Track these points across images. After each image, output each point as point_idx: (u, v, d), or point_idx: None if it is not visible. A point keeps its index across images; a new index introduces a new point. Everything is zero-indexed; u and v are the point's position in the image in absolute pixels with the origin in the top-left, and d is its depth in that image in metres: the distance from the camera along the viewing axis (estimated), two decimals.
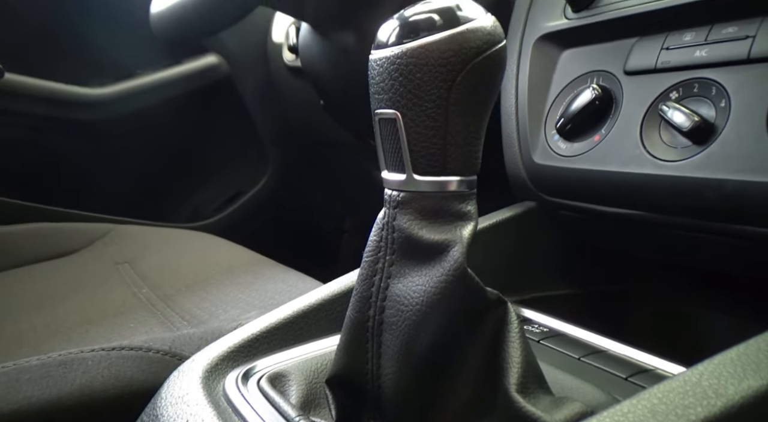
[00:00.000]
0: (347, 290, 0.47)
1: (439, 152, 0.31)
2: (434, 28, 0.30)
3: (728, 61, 0.46)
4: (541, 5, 0.66)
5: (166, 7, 0.81)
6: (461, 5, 0.31)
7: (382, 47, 0.32)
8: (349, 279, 0.48)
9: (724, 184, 0.43)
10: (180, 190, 1.61)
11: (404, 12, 0.32)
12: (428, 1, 0.32)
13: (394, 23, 0.32)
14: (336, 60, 0.95)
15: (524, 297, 0.63)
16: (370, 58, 0.33)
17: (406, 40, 0.31)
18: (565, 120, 0.58)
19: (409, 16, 0.31)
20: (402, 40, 0.31)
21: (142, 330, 0.64)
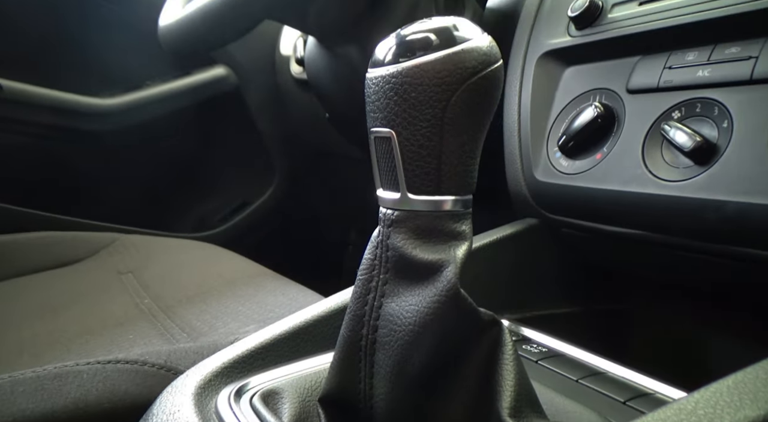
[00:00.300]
0: (344, 306, 0.46)
1: (434, 171, 0.31)
2: (430, 48, 0.30)
3: (731, 81, 0.45)
4: (545, 22, 0.66)
5: (174, 21, 0.82)
6: (458, 25, 0.31)
7: (378, 66, 0.32)
8: (347, 295, 0.48)
9: (725, 205, 0.43)
10: (186, 200, 1.62)
11: (401, 31, 0.32)
12: (426, 21, 0.32)
13: (391, 42, 0.32)
14: (341, 73, 0.96)
15: (525, 315, 0.62)
16: (366, 76, 0.33)
17: (402, 59, 0.31)
18: (567, 137, 0.58)
19: (406, 35, 0.31)
20: (398, 59, 0.31)
21: (140, 342, 0.64)
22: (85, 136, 1.39)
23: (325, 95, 1.07)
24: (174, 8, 0.88)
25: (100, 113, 1.40)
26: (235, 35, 0.78)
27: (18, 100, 1.27)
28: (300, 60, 1.31)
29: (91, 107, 1.38)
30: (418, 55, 0.30)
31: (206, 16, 0.74)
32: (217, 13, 0.72)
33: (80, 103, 1.36)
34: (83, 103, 1.36)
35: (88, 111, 1.38)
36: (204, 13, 0.74)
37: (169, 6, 0.91)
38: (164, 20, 0.87)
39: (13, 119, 1.28)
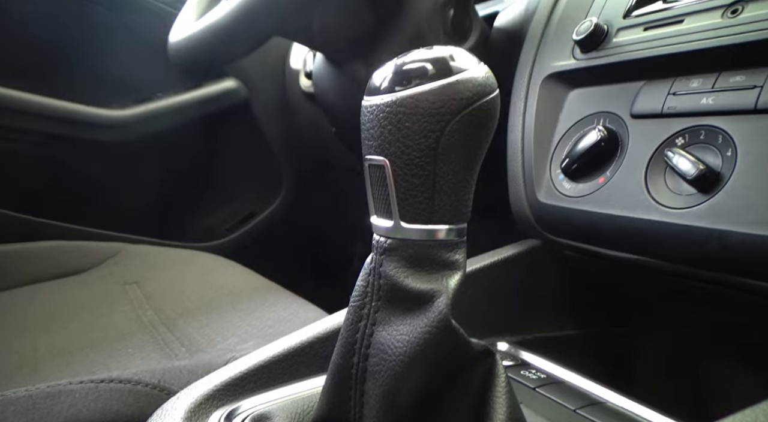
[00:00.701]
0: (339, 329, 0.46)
1: (427, 201, 0.31)
2: (425, 78, 0.30)
3: (735, 110, 0.45)
4: (550, 44, 0.66)
5: (184, 37, 0.83)
6: (454, 55, 0.31)
7: (373, 94, 0.32)
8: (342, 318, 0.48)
9: (727, 235, 0.42)
10: (194, 210, 1.63)
11: (398, 59, 0.32)
12: (424, 50, 0.32)
13: (387, 70, 0.32)
14: (347, 90, 0.96)
15: (525, 337, 0.62)
16: (362, 103, 0.33)
17: (398, 88, 0.31)
18: (570, 160, 0.58)
19: (402, 64, 0.31)
20: (393, 88, 0.31)
21: (139, 356, 0.64)
22: (94, 147, 1.40)
23: (331, 110, 1.08)
24: (185, 24, 0.89)
25: (110, 124, 1.41)
26: (243, 52, 0.79)
27: (29, 111, 1.28)
28: (309, 74, 1.32)
29: (102, 118, 1.39)
30: (413, 85, 0.30)
31: (215, 33, 0.74)
32: (226, 30, 0.73)
33: (91, 114, 1.38)
34: (94, 114, 1.38)
35: (99, 122, 1.39)
36: (213, 29, 0.75)
37: (180, 21, 0.92)
38: (174, 35, 0.88)
39: (22, 129, 1.29)
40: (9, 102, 1.25)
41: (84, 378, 0.50)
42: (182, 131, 1.52)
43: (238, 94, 1.56)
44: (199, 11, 0.94)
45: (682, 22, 0.52)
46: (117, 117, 1.43)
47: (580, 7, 0.65)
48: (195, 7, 0.95)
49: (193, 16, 0.93)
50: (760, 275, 0.42)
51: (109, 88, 1.43)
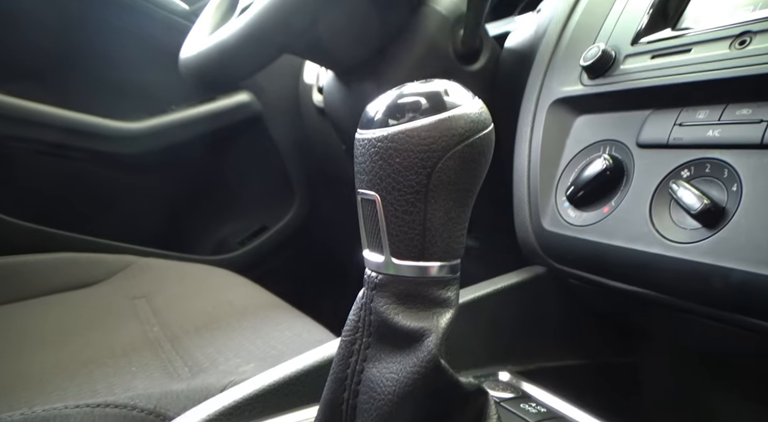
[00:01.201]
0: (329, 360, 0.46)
1: (418, 238, 0.31)
2: (417, 113, 0.30)
3: (741, 144, 0.44)
4: (558, 69, 0.66)
5: (193, 54, 0.83)
6: (449, 90, 0.31)
7: (365, 127, 0.32)
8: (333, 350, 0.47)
9: (731, 273, 0.41)
10: (206, 223, 1.64)
11: (391, 93, 0.32)
12: (418, 83, 0.32)
13: (379, 104, 0.32)
14: (356, 108, 0.96)
15: (528, 367, 0.61)
16: (355, 136, 0.33)
17: (390, 122, 0.31)
18: (575, 188, 0.57)
19: (395, 98, 0.31)
20: (385, 122, 0.31)
21: (141, 376, 0.64)
22: (108, 158, 1.42)
23: (341, 128, 1.08)
24: (196, 40, 0.91)
25: (124, 136, 1.43)
26: (251, 71, 0.79)
27: (44, 122, 1.31)
28: (322, 89, 1.33)
29: (117, 130, 1.41)
30: (405, 120, 0.30)
31: (223, 52, 0.75)
32: (233, 50, 0.74)
33: (105, 126, 1.40)
34: (108, 126, 1.40)
35: (114, 134, 1.41)
36: (220, 48, 0.75)
37: (192, 37, 0.93)
38: (185, 51, 0.89)
39: (37, 140, 1.32)
40: (25, 113, 1.28)
41: (80, 401, 0.51)
42: (195, 144, 1.53)
43: (252, 107, 1.57)
44: (212, 27, 0.95)
45: (689, 51, 0.51)
46: (131, 129, 1.45)
47: (589, 31, 0.65)
48: (207, 23, 0.97)
49: (205, 31, 0.94)
50: (764, 315, 0.41)
51: (124, 101, 1.46)
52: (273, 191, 1.67)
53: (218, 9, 0.99)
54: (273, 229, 1.65)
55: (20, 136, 1.29)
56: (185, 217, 1.60)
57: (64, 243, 1.28)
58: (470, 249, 1.12)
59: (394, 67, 0.88)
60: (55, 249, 1.21)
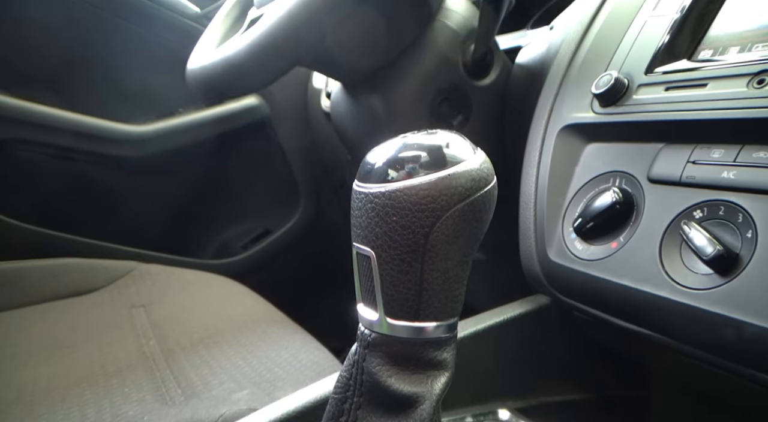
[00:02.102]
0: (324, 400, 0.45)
1: (414, 298, 0.29)
2: (416, 170, 0.28)
3: (757, 189, 0.42)
4: (569, 94, 0.64)
5: (199, 66, 0.82)
6: (451, 143, 0.29)
7: (363, 180, 0.30)
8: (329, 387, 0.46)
9: (743, 326, 0.40)
10: (209, 227, 1.64)
11: (391, 144, 0.30)
12: (420, 134, 0.30)
13: (379, 155, 0.30)
14: (364, 122, 0.95)
15: (530, 403, 0.59)
16: (353, 187, 0.31)
17: (388, 177, 0.29)
18: (583, 220, 0.55)
19: (394, 152, 0.30)
20: (382, 177, 0.29)
21: (134, 397, 0.63)
22: (114, 161, 1.42)
23: (347, 139, 1.07)
24: (203, 51, 0.89)
25: (131, 139, 1.42)
26: (257, 87, 0.78)
27: (49, 124, 1.30)
28: (330, 94, 1.31)
29: (123, 133, 1.41)
30: (403, 177, 0.29)
31: (228, 69, 0.74)
32: (239, 67, 0.72)
33: (112, 129, 1.39)
34: (115, 129, 1.40)
35: (120, 137, 1.41)
36: (226, 64, 0.74)
37: (200, 47, 0.92)
38: (192, 62, 0.87)
39: (42, 142, 1.31)
40: (29, 115, 1.27)
41: None
42: (201, 147, 1.53)
43: (260, 111, 1.56)
44: (220, 38, 0.94)
45: (705, 85, 0.49)
46: (138, 132, 1.44)
47: (602, 56, 0.63)
48: (215, 33, 0.95)
49: (213, 43, 0.93)
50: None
51: (131, 104, 1.45)
52: (278, 195, 1.66)
53: (227, 18, 0.97)
54: (276, 234, 1.64)
55: (27, 140, 1.29)
56: (189, 220, 1.60)
57: (67, 247, 1.27)
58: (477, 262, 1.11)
59: (402, 81, 0.86)
60: (58, 252, 1.20)
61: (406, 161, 0.29)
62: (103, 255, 1.29)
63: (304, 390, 0.46)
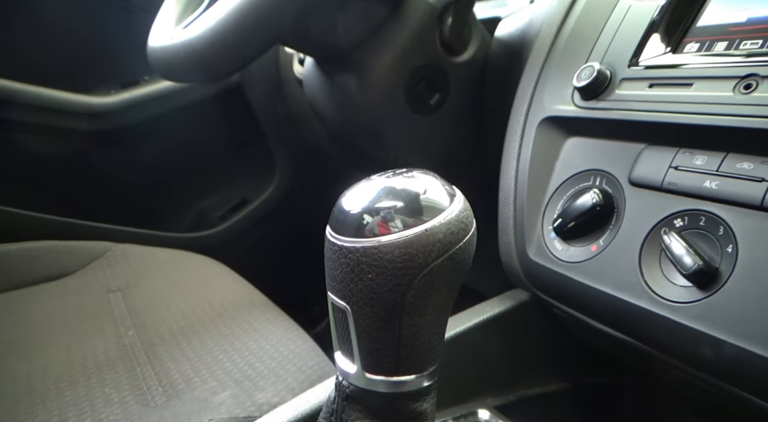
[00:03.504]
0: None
1: (392, 354, 0.28)
2: (392, 225, 0.27)
3: (739, 202, 0.42)
4: (550, 83, 0.62)
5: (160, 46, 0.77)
6: (428, 189, 0.28)
7: (336, 230, 0.29)
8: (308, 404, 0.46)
9: (722, 344, 0.40)
10: (185, 198, 1.60)
11: (367, 189, 0.29)
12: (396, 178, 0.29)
13: (353, 203, 0.29)
14: (337, 101, 0.92)
15: (510, 399, 0.60)
16: (325, 233, 0.30)
17: (365, 230, 0.27)
18: (563, 220, 0.55)
19: (369, 202, 0.28)
20: (357, 231, 0.27)
21: (114, 401, 0.63)
22: (78, 135, 1.36)
23: (322, 117, 1.03)
24: (163, 27, 0.84)
25: (94, 112, 1.36)
26: (222, 75, 0.73)
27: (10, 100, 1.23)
28: (302, 60, 1.27)
29: (84, 106, 1.34)
30: (379, 232, 0.27)
31: (190, 56, 0.68)
32: (200, 55, 0.67)
33: (74, 101, 1.33)
34: (77, 102, 1.33)
35: (82, 109, 1.34)
36: (188, 51, 0.68)
37: (160, 22, 0.87)
38: (153, 40, 0.82)
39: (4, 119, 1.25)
40: None
41: None
42: (172, 117, 1.47)
43: (231, 78, 1.50)
44: (178, 13, 0.88)
45: (690, 85, 0.48)
46: (102, 104, 1.37)
47: (584, 42, 0.61)
48: (175, 6, 0.89)
49: (172, 18, 0.87)
50: (756, 392, 0.39)
51: (91, 73, 1.38)
52: (253, 164, 1.63)
53: None
54: (254, 203, 1.62)
55: None
56: (163, 193, 1.56)
57: (36, 228, 1.24)
58: None
59: (377, 59, 0.83)
60: (27, 234, 1.17)
61: (381, 214, 0.27)
62: (76, 234, 1.25)
63: (284, 408, 0.46)
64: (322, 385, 0.50)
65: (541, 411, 0.59)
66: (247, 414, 0.57)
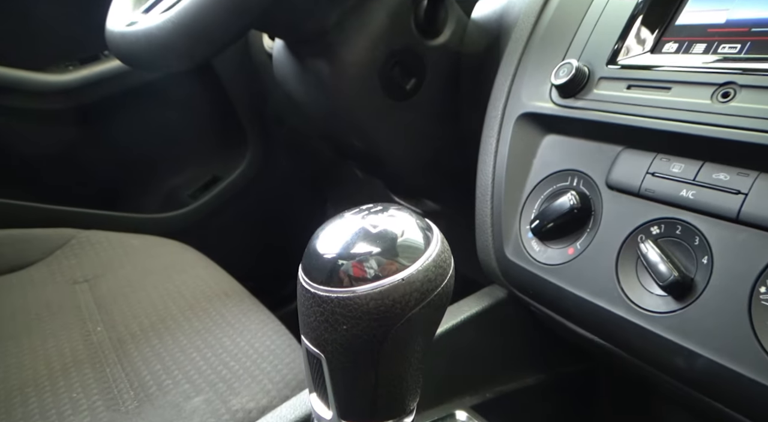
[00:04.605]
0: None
1: (369, 402, 0.28)
2: (367, 275, 0.26)
3: (715, 213, 0.41)
4: (528, 78, 0.60)
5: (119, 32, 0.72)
6: (405, 231, 0.27)
7: (309, 276, 0.27)
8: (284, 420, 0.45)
9: (695, 356, 0.40)
10: (153, 176, 1.56)
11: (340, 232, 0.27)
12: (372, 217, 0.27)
13: (327, 246, 0.27)
14: (309, 86, 0.89)
15: (487, 397, 0.60)
16: (299, 276, 0.28)
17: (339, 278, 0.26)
18: (540, 222, 0.54)
19: (342, 248, 0.26)
20: (331, 280, 0.26)
21: (83, 407, 0.61)
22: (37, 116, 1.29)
23: (295, 101, 1.00)
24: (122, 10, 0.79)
25: (53, 90, 1.29)
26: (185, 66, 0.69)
27: None
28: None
29: (42, 84, 1.27)
30: (354, 280, 0.26)
31: (151, 45, 0.64)
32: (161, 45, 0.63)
33: (28, 79, 1.26)
34: (32, 80, 1.26)
35: (38, 88, 1.27)
36: (148, 40, 0.65)
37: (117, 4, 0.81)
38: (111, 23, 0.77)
39: None
40: None
41: None
42: (136, 93, 1.41)
43: None
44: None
45: (669, 90, 0.47)
46: (58, 82, 1.30)
47: (563, 35, 0.59)
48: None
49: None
50: (728, 404, 0.40)
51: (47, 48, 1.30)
52: (224, 140, 1.59)
53: None
54: (226, 181, 1.58)
55: None
56: (130, 172, 1.51)
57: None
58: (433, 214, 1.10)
59: (350, 44, 0.80)
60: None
61: (356, 260, 0.26)
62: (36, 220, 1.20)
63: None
64: (297, 398, 0.49)
65: (518, 406, 0.60)
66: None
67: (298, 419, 0.47)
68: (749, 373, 0.37)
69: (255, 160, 1.58)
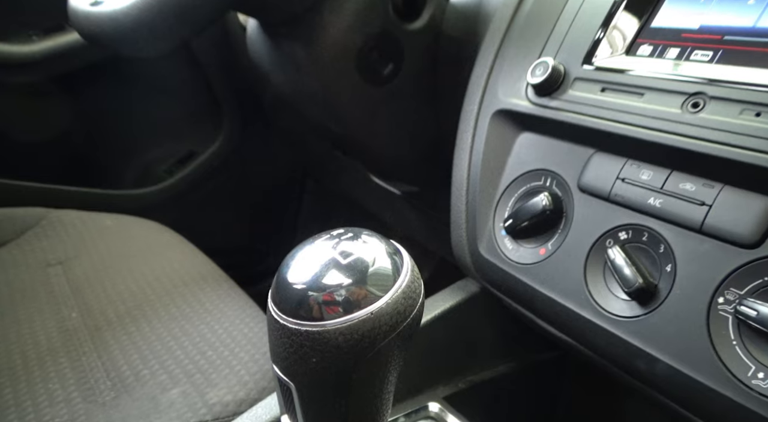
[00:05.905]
0: None
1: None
2: (337, 308, 0.26)
3: (680, 223, 0.42)
4: (504, 75, 0.60)
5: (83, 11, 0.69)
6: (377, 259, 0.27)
7: (278, 307, 0.27)
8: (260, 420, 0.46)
9: (656, 361, 0.42)
10: (127, 151, 1.53)
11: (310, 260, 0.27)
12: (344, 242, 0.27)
13: (297, 276, 0.27)
14: (285, 69, 0.87)
15: (460, 387, 0.62)
16: (268, 304, 0.29)
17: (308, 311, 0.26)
18: (514, 221, 0.55)
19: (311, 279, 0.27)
20: (301, 313, 0.26)
21: (59, 398, 0.62)
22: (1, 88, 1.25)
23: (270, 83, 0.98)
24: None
25: (16, 62, 1.24)
26: (155, 52, 0.67)
27: None
28: None
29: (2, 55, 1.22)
30: (323, 314, 0.26)
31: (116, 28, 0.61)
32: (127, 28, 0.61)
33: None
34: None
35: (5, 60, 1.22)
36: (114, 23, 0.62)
37: None
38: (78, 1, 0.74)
39: None
40: None
41: None
42: (108, 65, 1.37)
43: None
44: None
45: (641, 96, 0.47)
46: (21, 53, 1.25)
47: (539, 31, 0.59)
48: None
49: None
50: (689, 408, 0.42)
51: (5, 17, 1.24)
52: (200, 114, 1.55)
53: None
54: (202, 156, 1.56)
55: None
56: (102, 147, 1.48)
57: None
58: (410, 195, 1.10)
59: (326, 27, 0.78)
60: None
61: (325, 294, 0.26)
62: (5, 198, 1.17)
63: None
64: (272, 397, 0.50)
65: (490, 394, 0.62)
66: (198, 419, 0.57)
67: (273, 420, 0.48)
68: (705, 380, 0.39)
69: (231, 134, 1.56)
